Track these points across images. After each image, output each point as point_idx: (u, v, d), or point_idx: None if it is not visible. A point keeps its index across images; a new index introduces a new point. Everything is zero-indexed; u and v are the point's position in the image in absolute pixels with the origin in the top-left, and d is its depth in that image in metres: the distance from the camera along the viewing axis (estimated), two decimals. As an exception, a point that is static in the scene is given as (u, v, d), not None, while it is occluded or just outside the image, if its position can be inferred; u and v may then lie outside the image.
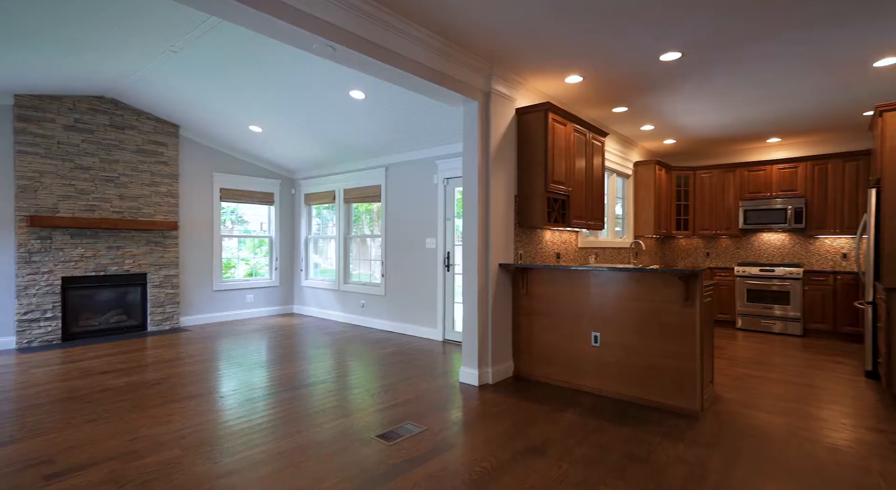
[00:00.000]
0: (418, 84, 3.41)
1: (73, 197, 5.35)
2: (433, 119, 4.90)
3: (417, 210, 5.96)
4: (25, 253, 5.04)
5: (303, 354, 4.83)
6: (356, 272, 6.95)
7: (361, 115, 5.04)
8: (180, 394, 3.49)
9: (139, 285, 5.91)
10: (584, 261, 5.46)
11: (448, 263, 5.64)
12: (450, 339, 5.62)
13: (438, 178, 5.73)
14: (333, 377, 4.00)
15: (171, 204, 6.15)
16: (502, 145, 4.03)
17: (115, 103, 5.65)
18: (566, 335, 3.80)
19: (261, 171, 7.27)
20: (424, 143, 5.62)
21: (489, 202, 3.93)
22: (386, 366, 4.40)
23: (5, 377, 3.93)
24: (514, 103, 4.17)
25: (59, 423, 2.90)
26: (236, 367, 4.29)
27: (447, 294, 5.65)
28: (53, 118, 5.22)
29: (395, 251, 6.22)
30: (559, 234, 4.86)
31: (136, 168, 5.84)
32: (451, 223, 5.64)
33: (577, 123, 4.49)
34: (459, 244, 5.66)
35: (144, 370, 4.14)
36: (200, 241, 6.56)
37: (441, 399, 3.44)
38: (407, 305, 6.06)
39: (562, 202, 4.40)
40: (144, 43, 3.87)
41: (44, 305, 5.16)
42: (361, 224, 7.08)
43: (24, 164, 5.04)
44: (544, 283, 3.95)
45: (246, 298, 7.07)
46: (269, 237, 7.49)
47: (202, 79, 4.61)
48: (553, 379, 3.87)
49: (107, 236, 5.60)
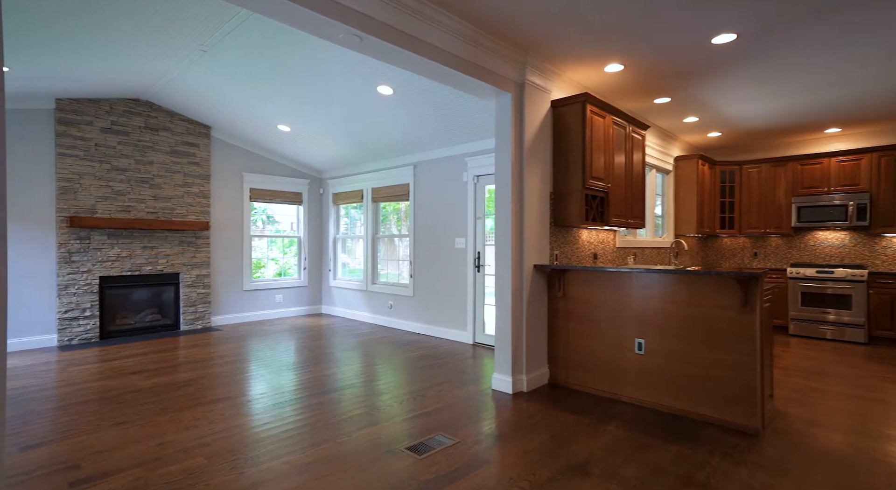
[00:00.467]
0: (448, 75, 3.25)
1: (110, 198, 5.45)
2: (463, 114, 4.73)
3: (446, 209, 5.80)
4: (66, 253, 5.17)
5: (331, 357, 4.74)
6: (384, 272, 6.85)
7: (389, 112, 4.92)
8: (208, 396, 3.45)
9: (172, 285, 5.99)
10: (623, 261, 5.16)
11: (478, 264, 5.45)
12: (480, 342, 5.43)
13: (468, 176, 5.55)
14: (361, 382, 3.88)
15: (202, 204, 6.21)
16: (537, 140, 3.81)
17: (150, 105, 5.74)
18: (606, 341, 3.55)
19: (289, 170, 7.28)
20: (454, 139, 5.45)
21: (523, 200, 3.72)
22: (414, 370, 4.26)
23: (46, 375, 4.00)
24: (548, 95, 3.94)
25: (88, 426, 2.88)
26: (265, 369, 4.24)
27: (477, 295, 5.46)
28: (91, 121, 5.33)
29: (424, 251, 6.08)
30: (596, 233, 4.60)
31: (170, 169, 5.92)
32: (481, 222, 5.46)
33: (616, 116, 4.22)
34: (490, 244, 5.46)
35: (174, 371, 4.14)
36: (231, 242, 6.60)
37: (473, 408, 3.27)
38: (436, 307, 5.91)
39: (600, 199, 4.14)
40: (174, 43, 3.85)
41: (83, 304, 5.28)
42: (389, 223, 6.97)
43: (65, 166, 5.16)
44: (583, 285, 3.71)
45: (275, 298, 7.09)
46: (298, 237, 7.50)
47: (231, 79, 4.59)
48: (592, 388, 3.63)
49: (141, 236, 5.69)
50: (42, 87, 4.71)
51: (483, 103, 4.41)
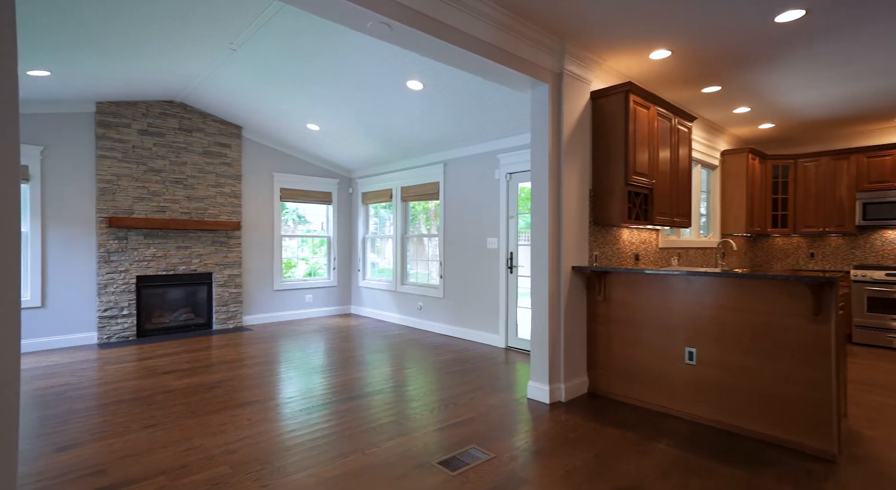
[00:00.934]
0: (482, 65, 3.06)
1: (146, 198, 5.54)
2: (495, 109, 4.53)
3: (478, 208, 5.62)
4: (105, 252, 5.28)
5: (360, 359, 4.65)
6: (413, 272, 6.73)
7: (419, 108, 4.77)
8: (237, 399, 3.39)
9: (205, 284, 6.06)
10: (666, 262, 4.84)
11: (511, 265, 5.24)
12: (513, 346, 5.22)
13: (500, 173, 5.35)
14: (390, 387, 3.75)
15: (234, 204, 6.25)
16: (575, 133, 3.58)
17: (184, 107, 5.81)
18: (652, 349, 3.28)
19: (319, 170, 7.26)
20: (485, 135, 5.26)
21: (561, 198, 3.49)
22: (445, 375, 4.10)
23: (85, 373, 4.07)
24: (588, 86, 3.70)
25: (119, 427, 2.86)
26: (294, 371, 4.18)
27: (510, 297, 5.25)
28: (129, 123, 5.43)
29: (454, 251, 5.91)
30: (638, 232, 4.32)
31: (203, 169, 5.98)
32: (514, 221, 5.24)
33: (660, 106, 3.93)
34: (524, 244, 5.24)
35: (205, 371, 4.13)
36: (262, 242, 6.63)
37: (508, 418, 3.07)
38: (466, 309, 5.74)
39: (644, 197, 3.86)
40: (204, 42, 3.83)
41: (121, 303, 5.39)
42: (418, 223, 6.85)
43: (104, 168, 5.28)
44: (626, 288, 3.45)
45: (305, 298, 7.09)
46: (328, 237, 7.48)
47: (260, 77, 4.55)
48: (636, 399, 3.37)
49: (176, 236, 5.77)
50: (83, 91, 4.81)
51: (517, 97, 4.20)
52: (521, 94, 4.14)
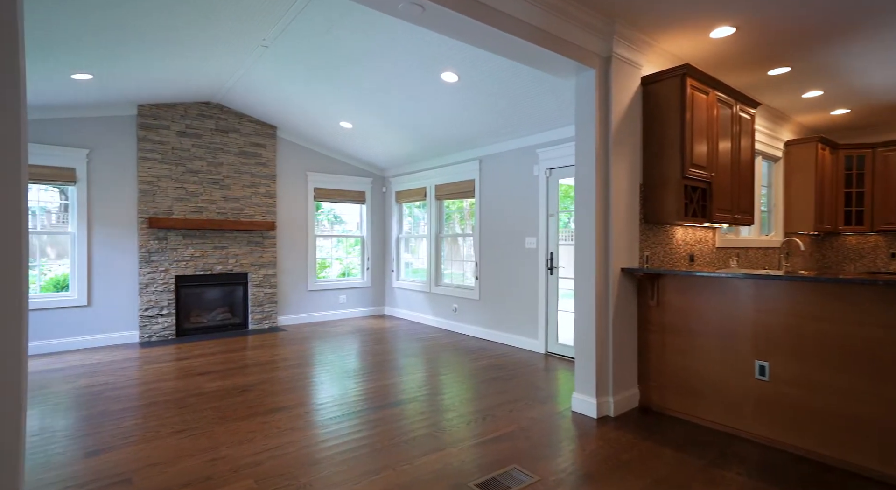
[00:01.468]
0: (522, 50, 2.82)
1: (184, 199, 5.61)
2: (534, 101, 4.26)
3: (515, 205, 5.35)
4: (146, 253, 5.38)
5: (393, 363, 4.49)
6: (448, 272, 6.54)
7: (453, 102, 4.57)
8: (267, 404, 3.30)
9: (241, 284, 6.09)
10: (724, 264, 4.42)
11: (551, 266, 4.95)
12: (554, 352, 4.93)
13: (539, 169, 5.07)
14: (425, 394, 3.57)
15: (269, 204, 6.25)
16: (625, 123, 3.27)
17: (220, 108, 5.84)
18: (714, 361, 2.94)
19: (352, 169, 7.19)
20: (523, 129, 4.99)
21: (609, 193, 3.19)
22: (482, 383, 3.87)
23: (124, 373, 4.11)
24: (638, 71, 3.38)
25: (149, 432, 2.80)
26: (326, 375, 4.07)
27: (550, 300, 4.96)
28: (168, 125, 5.51)
29: (490, 251, 5.67)
30: (692, 231, 3.94)
31: (238, 170, 6.01)
32: (554, 220, 4.95)
33: (721, 91, 3.55)
34: (565, 243, 4.94)
35: (238, 374, 4.09)
36: (296, 241, 6.61)
37: (552, 434, 2.82)
38: (503, 311, 5.48)
39: (701, 191, 3.50)
40: (236, 39, 3.77)
41: (161, 302, 5.47)
42: (452, 222, 6.65)
43: (145, 170, 5.37)
44: (683, 292, 3.12)
45: (339, 299, 7.03)
46: (361, 237, 7.40)
47: (293, 75, 4.48)
48: (695, 416, 3.03)
49: (213, 236, 5.82)
50: (125, 94, 4.89)
51: (558, 87, 3.92)
52: (563, 83, 3.85)
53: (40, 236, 5.04)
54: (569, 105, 4.25)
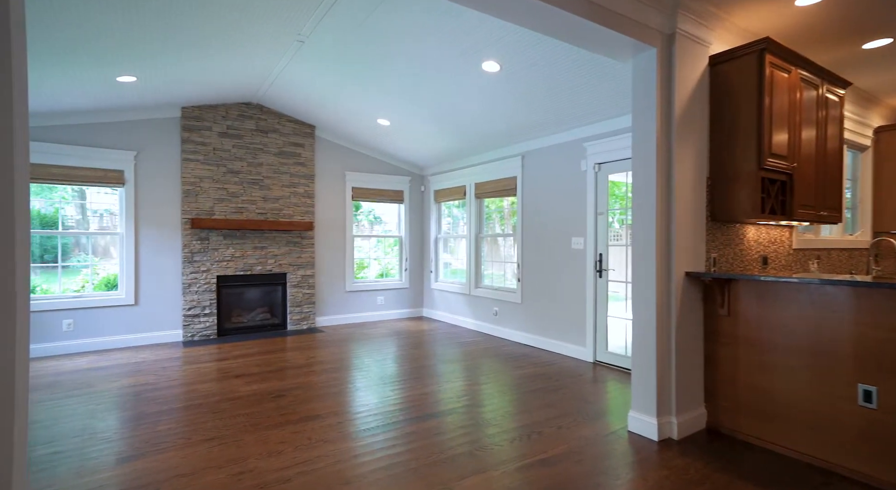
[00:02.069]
0: (573, 27, 2.52)
1: (225, 200, 5.66)
2: (583, 89, 3.92)
3: (560, 203, 5.02)
4: (189, 253, 5.45)
5: (431, 369, 4.28)
6: (488, 273, 6.28)
7: (494, 94, 4.30)
8: (299, 412, 3.17)
9: (280, 285, 6.08)
10: (803, 266, 3.92)
11: (600, 268, 4.58)
12: (603, 360, 4.56)
13: (587, 164, 4.71)
14: (464, 406, 3.33)
15: (307, 204, 6.22)
16: (690, 109, 2.90)
17: (260, 108, 5.86)
18: (802, 381, 2.53)
19: (390, 168, 7.06)
20: (569, 122, 4.65)
21: (671, 189, 2.84)
22: (525, 394, 3.59)
23: (165, 373, 4.13)
24: (706, 49, 2.99)
25: (180, 438, 2.73)
26: (362, 381, 3.92)
27: (599, 305, 4.60)
28: (210, 126, 5.57)
29: (534, 252, 5.36)
30: (766, 230, 3.49)
31: (278, 170, 6.00)
32: (603, 218, 4.58)
33: (805, 70, 3.09)
34: (615, 244, 4.57)
35: (274, 377, 4.01)
36: (334, 242, 6.55)
37: (607, 458, 2.51)
38: (547, 316, 5.16)
39: (780, 185, 3.06)
40: (272, 35, 3.68)
41: (203, 302, 5.54)
42: (492, 222, 6.38)
43: (188, 171, 5.45)
44: (761, 300, 2.72)
45: (377, 300, 6.92)
46: (399, 237, 7.26)
47: (330, 71, 4.36)
48: (774, 443, 2.62)
49: (253, 237, 5.84)
50: (169, 96, 4.96)
51: (609, 73, 3.57)
52: (615, 68, 3.51)
53: (94, 237, 5.20)
54: (621, 93, 3.88)
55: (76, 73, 3.87)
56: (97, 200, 5.27)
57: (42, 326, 4.77)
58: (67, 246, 5.09)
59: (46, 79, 3.90)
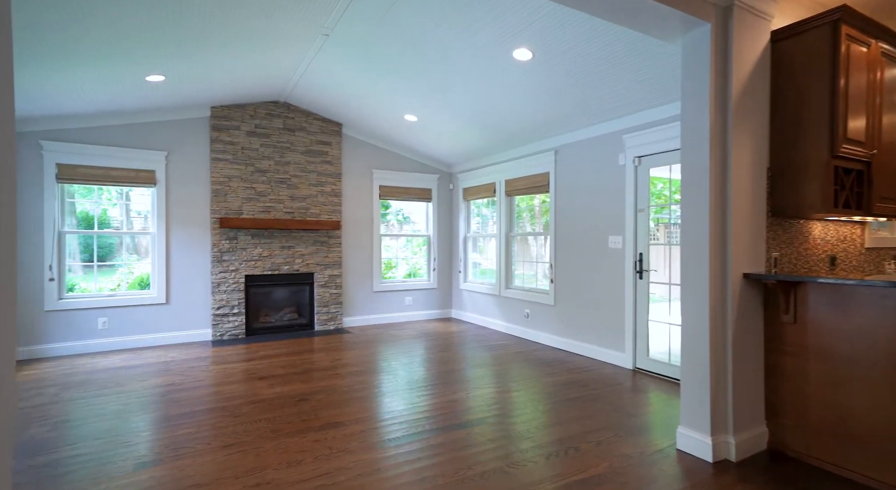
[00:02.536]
0: (618, 2, 2.27)
1: (253, 199, 5.64)
2: (620, 76, 3.63)
3: (596, 200, 4.72)
4: (217, 252, 5.46)
5: (460, 374, 4.09)
6: (519, 272, 6.03)
7: (526, 84, 4.06)
8: (321, 418, 3.04)
9: (307, 284, 6.03)
10: (877, 268, 3.50)
11: (640, 268, 4.27)
12: (644, 368, 4.25)
13: (626, 158, 4.40)
14: (495, 415, 3.12)
15: (334, 203, 6.14)
16: (748, 93, 2.59)
17: (288, 106, 5.82)
18: (890, 400, 2.19)
19: (418, 166, 6.90)
20: (606, 113, 4.36)
21: (727, 181, 2.54)
22: (560, 403, 3.34)
23: (191, 373, 4.11)
24: (767, 23, 2.67)
25: (200, 444, 2.64)
26: (388, 385, 3.76)
27: (639, 308, 4.28)
28: (238, 125, 5.56)
29: (567, 252, 5.08)
30: (834, 227, 3.11)
31: (305, 169, 5.95)
32: (644, 216, 4.27)
33: (888, 43, 2.71)
34: (657, 243, 4.25)
35: (298, 379, 3.91)
36: (361, 241, 6.46)
37: (655, 482, 2.24)
38: (582, 319, 4.87)
39: (856, 175, 2.70)
40: (297, 29, 3.57)
41: (231, 302, 5.54)
42: (522, 222, 6.13)
43: (217, 170, 5.46)
44: (834, 306, 2.38)
45: (404, 300, 6.78)
46: (428, 236, 7.09)
47: (356, 66, 4.24)
48: (851, 470, 2.29)
49: (280, 236, 5.80)
50: (198, 97, 4.97)
51: (651, 58, 3.27)
52: (658, 53, 3.21)
53: (128, 236, 5.28)
54: (665, 79, 3.57)
55: (106, 72, 3.88)
56: (133, 201, 5.34)
57: (78, 324, 4.86)
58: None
59: (79, 78, 3.93)
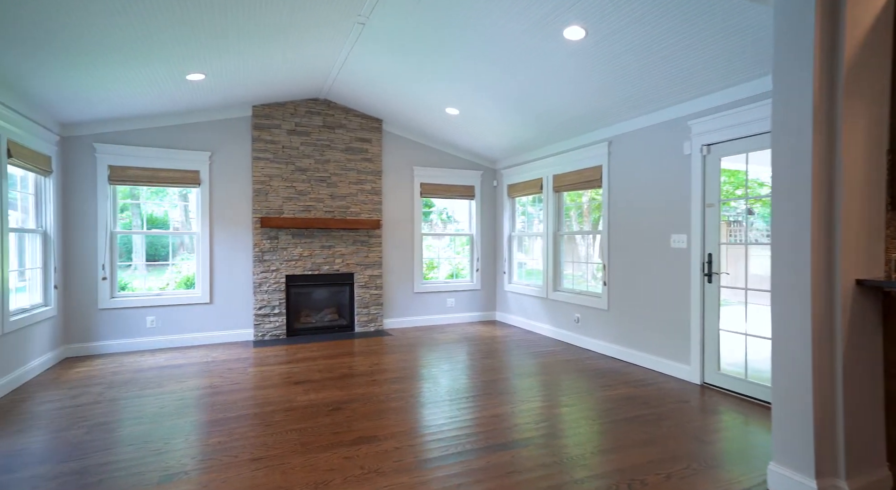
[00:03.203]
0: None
1: (293, 198, 5.58)
2: (687, 52, 3.18)
3: (657, 195, 4.25)
4: (259, 252, 5.44)
5: (505, 383, 3.78)
6: (567, 273, 5.62)
7: (578, 68, 3.68)
8: (354, 431, 2.83)
9: (347, 285, 5.91)
10: None
11: (710, 271, 3.78)
12: (713, 383, 3.75)
13: (692, 147, 3.92)
14: (544, 434, 2.79)
15: (374, 202, 5.99)
16: (863, 59, 2.11)
17: (328, 104, 5.71)
18: None
19: (460, 162, 6.63)
20: (669, 96, 3.89)
21: (834, 166, 2.08)
22: (618, 423, 2.96)
23: (230, 375, 4.05)
24: (886, -27, 2.17)
25: (227, 456, 2.49)
26: (427, 394, 3.52)
27: (708, 316, 3.79)
28: (279, 124, 5.51)
29: (622, 252, 4.63)
30: (967, 223, 2.53)
31: (345, 166, 5.83)
32: (714, 211, 3.77)
33: None
34: (729, 243, 3.74)
35: (334, 385, 3.74)
36: (402, 241, 6.27)
37: (746, 535, 1.84)
38: (640, 326, 4.42)
39: None
40: (332, 18, 3.39)
41: (272, 302, 5.50)
42: (570, 219, 5.72)
43: (258, 170, 5.43)
44: None
45: (446, 302, 6.53)
46: (470, 235, 6.80)
47: (393, 57, 4.02)
48: None
49: (320, 235, 5.71)
50: (239, 95, 4.94)
51: (724, 28, 2.81)
52: (732, 21, 2.74)
53: (174, 236, 5.37)
54: (741, 54, 3.09)
55: (149, 72, 3.88)
56: (180, 201, 5.42)
57: (129, 322, 4.97)
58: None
59: (122, 78, 3.95)
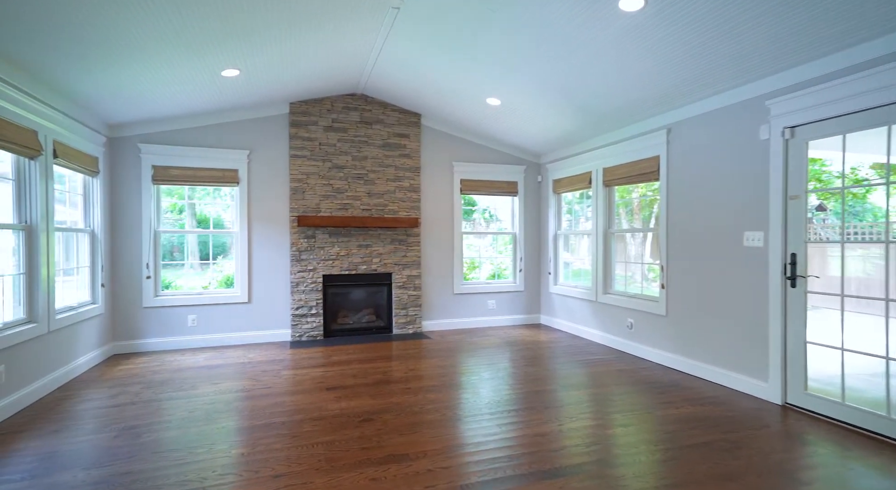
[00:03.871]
0: None
1: (330, 196, 5.47)
2: (763, 20, 2.70)
3: (726, 187, 3.75)
4: (296, 251, 5.37)
5: (550, 396, 3.43)
6: (619, 275, 5.16)
7: (632, 47, 3.26)
8: (384, 447, 2.60)
9: (385, 285, 5.74)
10: None
11: (793, 274, 3.25)
12: (798, 405, 3.23)
13: (771, 130, 3.40)
14: (596, 461, 2.44)
15: (413, 199, 5.78)
16: None
17: (365, 99, 5.56)
18: None
19: (502, 156, 6.29)
20: (741, 74, 3.39)
21: None
22: (685, 450, 2.55)
23: (264, 377, 3.97)
24: None
25: (249, 470, 2.33)
26: (466, 406, 3.24)
27: (791, 325, 3.27)
28: (316, 121, 5.42)
29: (683, 251, 4.14)
30: None
31: (382, 163, 5.66)
32: (798, 205, 3.24)
33: None
34: (819, 241, 3.19)
35: (366, 393, 3.55)
36: (441, 240, 6.02)
37: None
38: (705, 335, 3.92)
39: None
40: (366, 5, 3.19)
41: (310, 302, 5.42)
42: (619, 217, 5.25)
43: (295, 167, 5.37)
44: None
45: (488, 304, 6.22)
46: (513, 234, 6.45)
47: (431, 45, 3.77)
48: None
49: (357, 234, 5.57)
50: (276, 92, 4.87)
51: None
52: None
53: (216, 236, 5.40)
54: (829, 18, 2.57)
55: (185, 69, 3.84)
56: (220, 200, 5.46)
57: (171, 321, 5.03)
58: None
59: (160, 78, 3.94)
